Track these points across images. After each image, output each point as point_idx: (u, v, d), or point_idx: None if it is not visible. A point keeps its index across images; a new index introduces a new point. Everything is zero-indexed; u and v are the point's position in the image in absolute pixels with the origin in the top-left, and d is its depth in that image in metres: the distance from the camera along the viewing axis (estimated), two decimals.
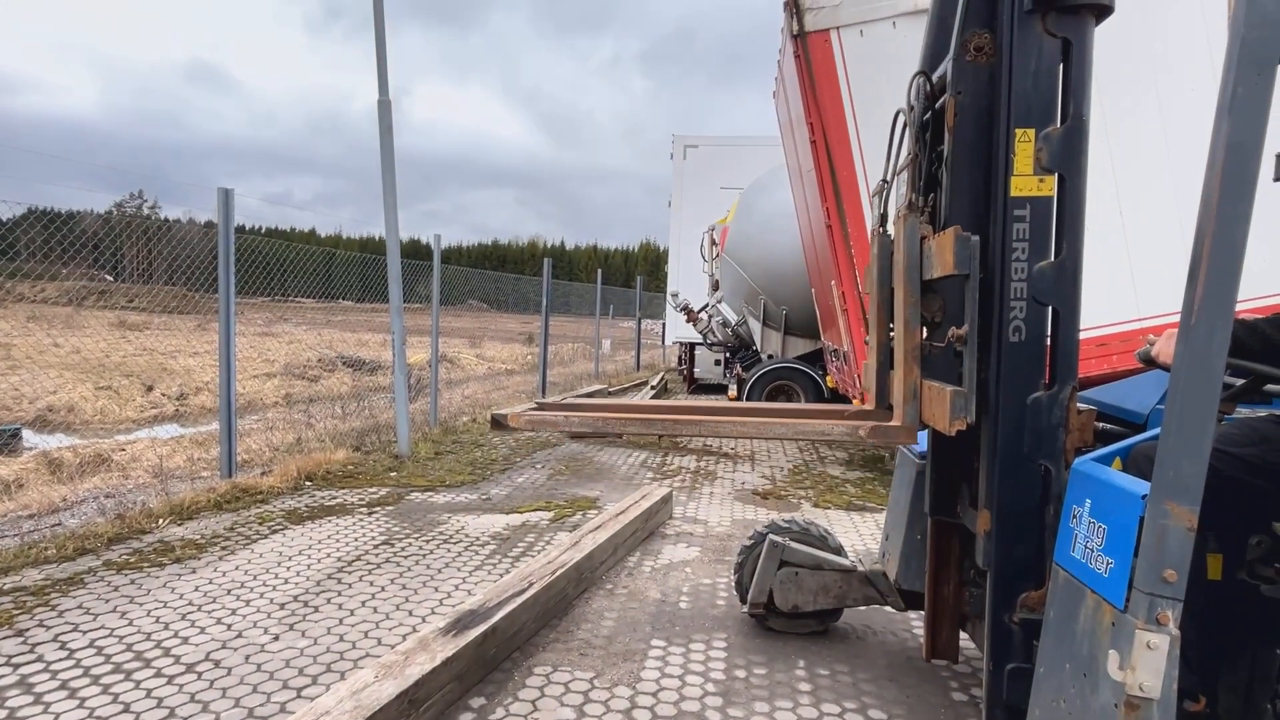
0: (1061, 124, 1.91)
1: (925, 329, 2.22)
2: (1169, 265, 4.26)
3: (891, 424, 2.21)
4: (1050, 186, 1.92)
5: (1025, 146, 1.94)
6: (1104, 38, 2.01)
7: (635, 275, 23.59)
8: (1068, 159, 1.90)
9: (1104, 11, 1.90)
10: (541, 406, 2.50)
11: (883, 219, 2.50)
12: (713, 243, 11.36)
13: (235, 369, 5.38)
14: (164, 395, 11.88)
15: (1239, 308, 1.38)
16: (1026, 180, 1.94)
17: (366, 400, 9.37)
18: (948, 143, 2.06)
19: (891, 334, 2.29)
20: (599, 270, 18.96)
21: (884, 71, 5.49)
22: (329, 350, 16.12)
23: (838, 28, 5.54)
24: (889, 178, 2.47)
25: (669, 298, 13.32)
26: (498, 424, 2.33)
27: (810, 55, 5.59)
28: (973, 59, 1.98)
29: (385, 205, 6.33)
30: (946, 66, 2.09)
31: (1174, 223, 5.26)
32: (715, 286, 11.48)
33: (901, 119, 2.35)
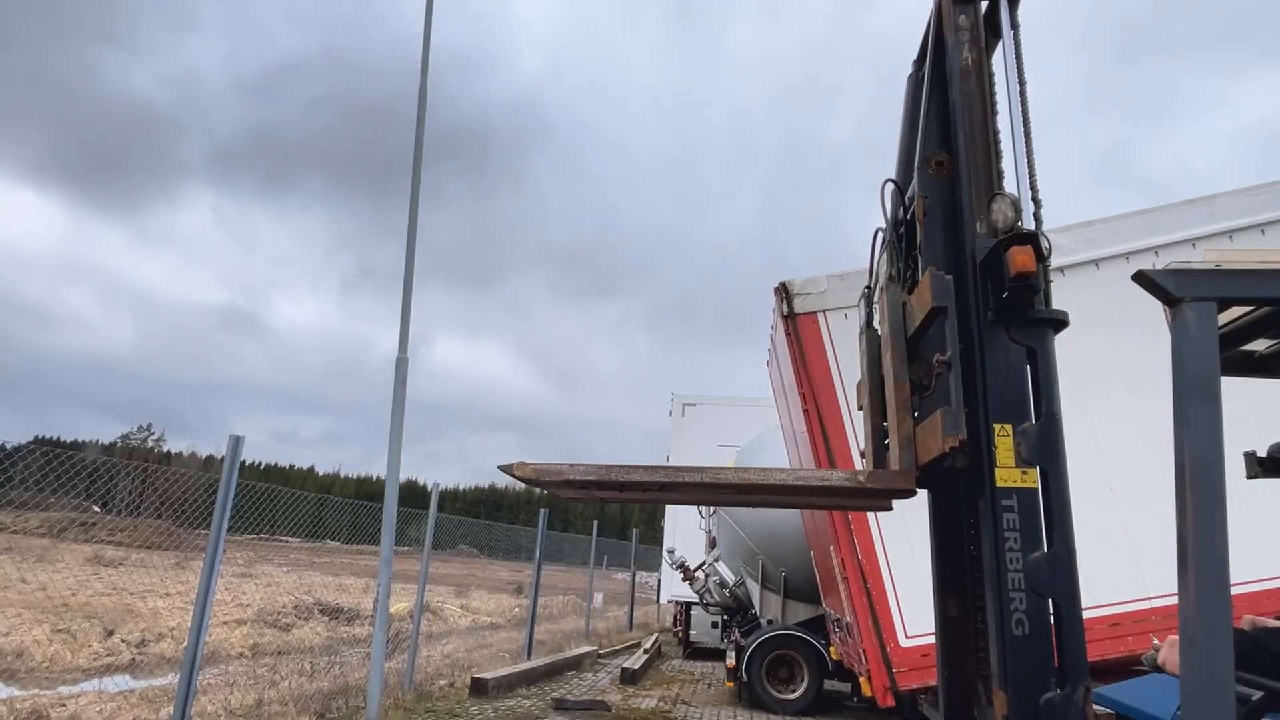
0: (1036, 420, 2.04)
1: (915, 394, 2.33)
2: (1168, 543, 4.25)
3: (890, 469, 2.29)
4: (1033, 479, 2.01)
5: (1005, 440, 2.06)
6: (1074, 336, 2.23)
7: (632, 525, 23.26)
8: (1046, 453, 2.01)
9: (1060, 324, 2.12)
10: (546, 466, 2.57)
11: (869, 319, 2.67)
12: None
13: (208, 624, 5.11)
14: (124, 641, 11.11)
15: (1236, 591, 1.38)
16: (1010, 472, 2.03)
17: (339, 654, 8.75)
18: (919, 231, 2.36)
19: (885, 422, 2.40)
20: (595, 522, 18.72)
21: None
22: (307, 595, 15.36)
23: (824, 311, 6.07)
24: (871, 285, 2.72)
25: (665, 554, 13.00)
26: (504, 470, 2.45)
27: (800, 334, 6.07)
28: (934, 172, 2.33)
29: (390, 456, 6.46)
30: (914, 177, 2.43)
31: (1166, 500, 5.32)
32: (712, 544, 11.27)
33: (880, 235, 2.65)
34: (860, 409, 2.62)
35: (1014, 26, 2.32)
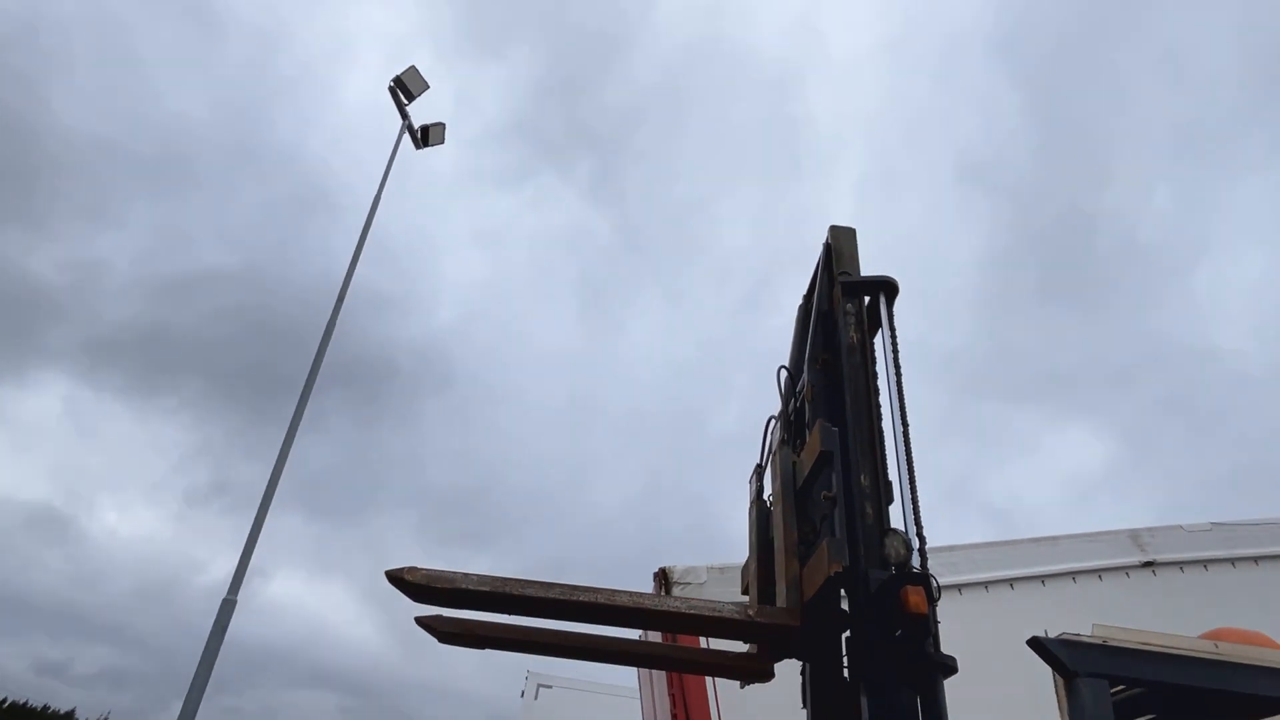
0: None
1: (801, 545, 2.44)
2: None
3: (776, 606, 2.36)
4: None
5: None
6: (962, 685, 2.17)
7: None
8: None
9: (950, 670, 2.08)
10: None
11: (759, 493, 2.83)
12: None
13: None
14: None
15: None
16: None
17: None
18: (807, 408, 2.65)
19: (774, 591, 2.45)
20: None
21: None
22: None
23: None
24: (764, 462, 2.93)
25: None
26: (391, 577, 2.28)
27: None
28: (821, 365, 2.68)
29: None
30: (804, 370, 2.79)
31: None
32: None
33: (773, 421, 2.94)
34: (745, 593, 2.67)
35: (889, 319, 2.62)
